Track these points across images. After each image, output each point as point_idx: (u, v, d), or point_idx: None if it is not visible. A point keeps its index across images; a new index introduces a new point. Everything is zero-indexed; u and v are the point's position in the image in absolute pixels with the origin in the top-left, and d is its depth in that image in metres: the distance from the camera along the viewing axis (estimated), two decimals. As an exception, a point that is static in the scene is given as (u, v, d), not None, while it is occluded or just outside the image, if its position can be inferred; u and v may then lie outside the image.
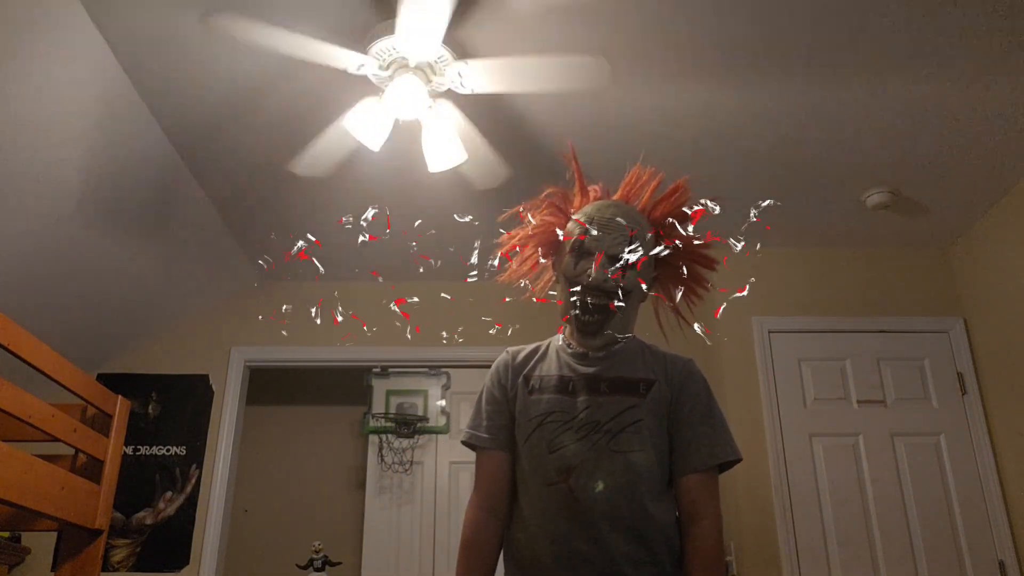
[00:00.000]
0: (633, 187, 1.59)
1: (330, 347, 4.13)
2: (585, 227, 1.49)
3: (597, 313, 1.47)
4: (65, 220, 3.02)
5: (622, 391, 1.46)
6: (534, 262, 1.61)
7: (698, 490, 1.43)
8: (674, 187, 1.58)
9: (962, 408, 3.58)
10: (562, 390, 1.47)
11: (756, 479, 3.48)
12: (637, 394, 1.46)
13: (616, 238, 1.47)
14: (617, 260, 1.46)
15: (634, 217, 1.53)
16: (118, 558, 3.70)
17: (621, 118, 2.82)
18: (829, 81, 2.68)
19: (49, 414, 2.04)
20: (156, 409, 3.97)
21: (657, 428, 1.46)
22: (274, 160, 3.15)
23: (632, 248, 1.45)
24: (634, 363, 1.51)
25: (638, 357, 1.53)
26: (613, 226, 1.49)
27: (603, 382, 1.47)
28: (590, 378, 1.48)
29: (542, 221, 1.59)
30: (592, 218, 1.50)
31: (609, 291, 1.45)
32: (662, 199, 1.57)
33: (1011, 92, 2.72)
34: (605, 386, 1.47)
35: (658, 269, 1.57)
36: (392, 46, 2.29)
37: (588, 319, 1.48)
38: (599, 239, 1.48)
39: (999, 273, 3.47)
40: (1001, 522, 3.35)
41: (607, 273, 1.45)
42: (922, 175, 3.26)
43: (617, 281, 1.46)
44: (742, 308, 3.79)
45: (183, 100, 2.75)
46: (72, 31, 2.35)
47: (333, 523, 4.80)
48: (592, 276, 1.45)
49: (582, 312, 1.47)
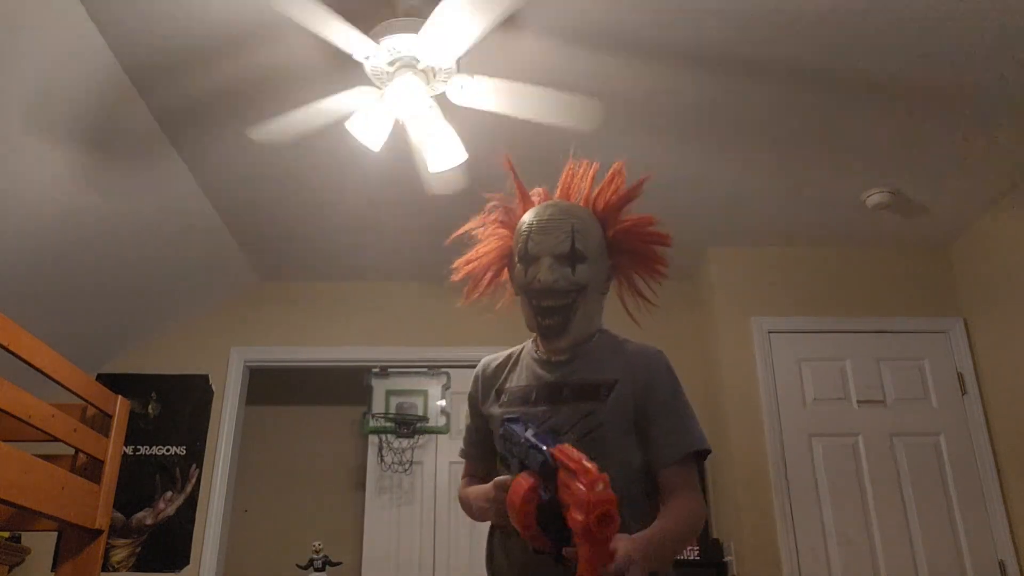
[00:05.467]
0: (571, 184, 1.57)
1: (330, 347, 4.14)
2: (527, 233, 1.48)
3: (556, 315, 1.45)
4: (63, 222, 3.02)
5: (582, 397, 1.43)
6: (490, 280, 1.61)
7: (675, 481, 1.40)
8: (611, 173, 1.55)
9: (962, 408, 3.58)
10: (527, 400, 1.46)
11: (756, 479, 3.48)
12: (597, 398, 1.42)
13: (559, 237, 1.45)
14: (565, 259, 1.44)
15: (574, 212, 1.50)
16: (118, 558, 3.70)
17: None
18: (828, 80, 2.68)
19: (49, 414, 2.04)
20: (156, 409, 3.97)
21: (622, 430, 1.42)
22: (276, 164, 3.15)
23: (578, 243, 1.45)
24: (600, 364, 1.48)
25: (604, 356, 1.49)
26: (554, 225, 1.47)
27: (565, 388, 1.45)
28: (552, 386, 1.46)
29: (490, 238, 1.59)
30: (533, 222, 1.49)
31: (562, 291, 1.44)
32: (601, 188, 1.55)
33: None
34: (567, 392, 1.45)
35: (613, 258, 1.55)
36: (405, 44, 2.27)
37: (548, 323, 1.46)
38: (542, 241, 1.46)
39: (999, 273, 3.47)
40: (1001, 522, 3.35)
41: (557, 273, 1.43)
42: (922, 175, 3.26)
43: (569, 279, 1.44)
44: (742, 308, 3.80)
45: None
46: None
47: (333, 523, 4.80)
48: (542, 279, 1.44)
49: (541, 317, 1.46)
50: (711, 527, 3.75)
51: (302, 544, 4.22)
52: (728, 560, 3.54)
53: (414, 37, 2.23)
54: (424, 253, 3.66)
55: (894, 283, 3.83)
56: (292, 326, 4.17)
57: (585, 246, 1.46)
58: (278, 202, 3.50)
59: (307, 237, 3.82)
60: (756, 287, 3.85)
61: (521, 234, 1.50)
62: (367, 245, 3.89)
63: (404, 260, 4.01)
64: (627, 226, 1.53)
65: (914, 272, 3.84)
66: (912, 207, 3.51)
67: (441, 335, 4.05)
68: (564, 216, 1.48)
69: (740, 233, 3.79)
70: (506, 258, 1.58)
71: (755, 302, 3.81)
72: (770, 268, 3.87)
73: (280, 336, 4.17)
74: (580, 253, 1.45)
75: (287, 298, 4.24)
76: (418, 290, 4.17)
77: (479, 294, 1.61)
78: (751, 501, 3.46)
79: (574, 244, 1.45)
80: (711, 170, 3.25)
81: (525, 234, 1.49)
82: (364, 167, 3.06)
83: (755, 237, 3.83)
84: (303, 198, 3.45)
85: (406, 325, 4.19)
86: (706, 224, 3.71)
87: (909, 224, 3.65)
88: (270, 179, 3.30)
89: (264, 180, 3.32)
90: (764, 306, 3.79)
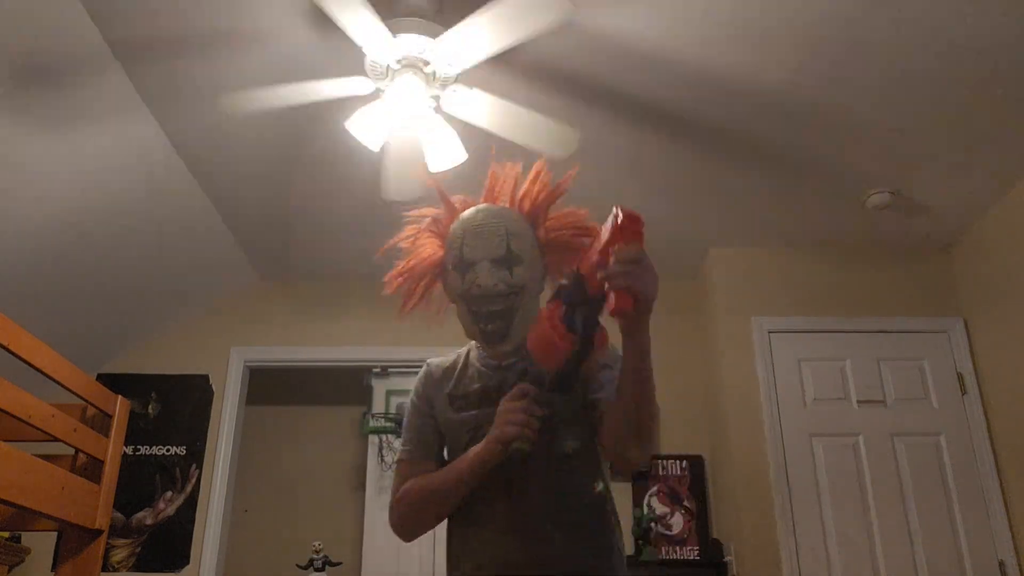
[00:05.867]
0: (496, 187, 1.55)
1: (330, 347, 4.14)
2: (460, 240, 1.47)
3: (497, 319, 1.44)
4: (63, 222, 3.03)
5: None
6: (423, 292, 1.59)
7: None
8: (534, 173, 1.53)
9: (962, 408, 3.58)
10: (485, 402, 1.44)
11: (756, 479, 3.48)
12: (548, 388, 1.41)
13: (494, 240, 1.45)
14: (501, 262, 1.43)
15: (505, 214, 1.49)
16: (118, 558, 3.70)
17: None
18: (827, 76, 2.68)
19: (49, 414, 2.04)
20: (156, 409, 3.97)
21: (577, 415, 1.42)
22: (276, 164, 3.15)
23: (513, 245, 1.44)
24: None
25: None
26: (488, 229, 1.46)
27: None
28: (504, 386, 1.43)
29: (420, 248, 1.57)
30: (464, 229, 1.48)
31: (502, 294, 1.43)
32: (526, 189, 1.53)
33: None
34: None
35: (546, 257, 1.53)
36: (419, 46, 2.27)
37: (490, 328, 1.45)
38: (477, 246, 1.45)
39: (999, 273, 3.47)
40: (1001, 522, 3.35)
41: (495, 277, 1.42)
42: (922, 175, 3.26)
43: (508, 281, 1.43)
44: (742, 308, 3.80)
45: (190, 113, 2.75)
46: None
47: (333, 523, 4.80)
48: (481, 285, 1.43)
49: (483, 323, 1.44)
50: (711, 527, 3.75)
51: (302, 544, 4.22)
52: (728, 560, 3.54)
53: (430, 41, 2.25)
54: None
55: (894, 283, 3.83)
56: (292, 326, 4.17)
57: (520, 248, 1.45)
58: (278, 202, 3.50)
59: (307, 237, 3.82)
60: (756, 287, 3.85)
61: (454, 241, 1.49)
62: (367, 245, 3.88)
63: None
64: (556, 224, 1.52)
65: (914, 272, 3.84)
66: (912, 207, 3.51)
67: (441, 335, 4.03)
68: (496, 219, 1.47)
69: (740, 233, 3.79)
70: (438, 268, 1.56)
71: (755, 302, 3.81)
72: (770, 268, 3.87)
73: (280, 336, 4.17)
74: (516, 255, 1.44)
75: (287, 298, 4.24)
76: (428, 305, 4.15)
77: (412, 307, 1.59)
78: (751, 501, 3.46)
79: (509, 247, 1.44)
80: (711, 170, 3.25)
81: (459, 240, 1.47)
82: (364, 167, 3.06)
83: (755, 237, 3.83)
84: (303, 198, 3.45)
85: (406, 325, 4.17)
86: (706, 224, 3.71)
87: (909, 224, 3.65)
88: (270, 179, 3.30)
89: (264, 180, 3.32)
90: (764, 306, 3.79)
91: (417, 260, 1.57)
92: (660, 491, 3.80)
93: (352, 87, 2.38)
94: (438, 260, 1.55)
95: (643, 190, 3.39)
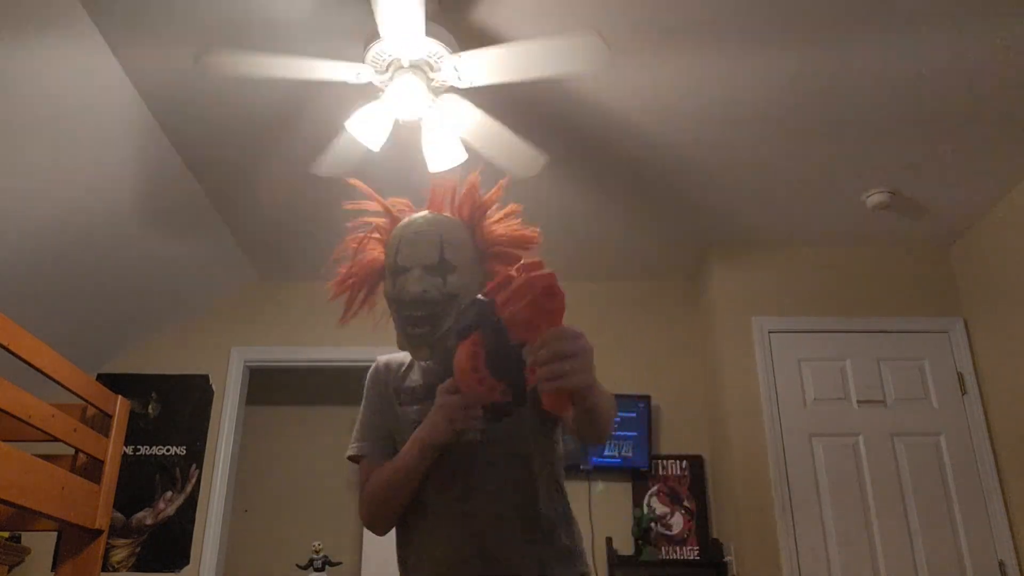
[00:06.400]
0: (436, 198, 1.57)
1: (330, 347, 4.13)
2: (396, 247, 1.48)
3: (424, 324, 1.44)
4: (63, 222, 3.03)
5: None
6: (364, 298, 1.61)
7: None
8: (469, 185, 1.54)
9: (962, 408, 3.58)
10: (429, 396, 1.42)
11: (756, 479, 3.48)
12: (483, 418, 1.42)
13: (428, 248, 1.45)
14: (434, 269, 1.44)
15: (443, 223, 1.50)
16: (118, 558, 3.70)
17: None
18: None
19: (49, 414, 2.04)
20: (156, 409, 3.97)
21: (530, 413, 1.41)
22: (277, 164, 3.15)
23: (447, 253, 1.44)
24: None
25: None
26: (423, 238, 1.47)
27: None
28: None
29: (362, 256, 1.59)
30: (401, 236, 1.49)
31: (431, 302, 1.42)
32: (463, 198, 1.54)
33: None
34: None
35: (486, 263, 1.53)
36: (384, 49, 2.27)
37: (415, 332, 1.44)
38: (411, 254, 1.45)
39: (999, 273, 3.47)
40: (1001, 522, 3.35)
41: (426, 283, 1.42)
42: (922, 175, 3.27)
43: (440, 289, 1.43)
44: (742, 308, 3.80)
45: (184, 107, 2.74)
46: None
47: (333, 523, 4.80)
48: (410, 290, 1.43)
49: (410, 327, 1.45)
50: (711, 527, 3.75)
51: (302, 544, 4.22)
52: (728, 560, 3.54)
53: (447, 51, 2.25)
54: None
55: (894, 283, 3.83)
56: (292, 326, 4.17)
57: (454, 256, 1.45)
58: (279, 203, 3.50)
59: (307, 237, 3.82)
60: (756, 287, 3.85)
61: (391, 248, 1.50)
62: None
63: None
64: (492, 232, 1.53)
65: (914, 272, 3.84)
66: (912, 207, 3.51)
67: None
68: (432, 228, 1.48)
69: (740, 233, 3.79)
70: (379, 274, 1.57)
71: (755, 302, 3.81)
72: (770, 268, 3.87)
73: (280, 336, 4.17)
74: (449, 264, 1.44)
75: (287, 298, 4.24)
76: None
77: (353, 314, 1.62)
78: (751, 501, 3.46)
79: (443, 254, 1.44)
80: (712, 169, 3.25)
81: (395, 247, 1.48)
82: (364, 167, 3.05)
83: (755, 237, 3.83)
84: (303, 198, 3.45)
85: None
86: (707, 224, 3.71)
87: (909, 224, 3.66)
88: (271, 180, 3.30)
89: (265, 181, 3.32)
90: (764, 306, 3.79)
91: (359, 267, 1.59)
92: (660, 491, 3.80)
93: (348, 73, 2.33)
94: (379, 266, 1.57)
95: (643, 189, 3.40)
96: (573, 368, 0.98)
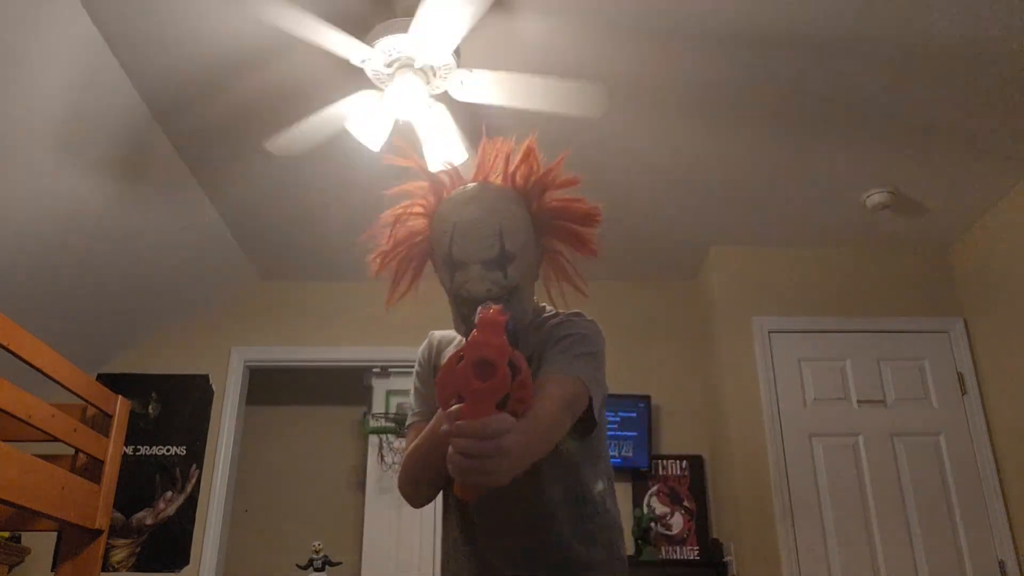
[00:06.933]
0: (487, 163, 1.40)
1: (330, 347, 4.14)
2: (449, 236, 1.33)
3: None
4: (63, 222, 3.02)
5: None
6: (412, 278, 1.47)
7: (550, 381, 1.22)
8: (528, 150, 1.38)
9: (962, 408, 3.58)
10: None
11: (756, 479, 3.48)
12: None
13: (486, 241, 1.30)
14: (494, 264, 1.30)
15: (498, 205, 1.34)
16: (118, 558, 3.70)
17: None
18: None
19: (49, 414, 2.04)
20: (156, 409, 3.97)
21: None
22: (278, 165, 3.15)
23: (507, 243, 1.30)
24: (525, 347, 1.33)
25: (528, 337, 1.37)
26: (479, 229, 1.31)
27: None
28: None
29: (405, 228, 1.44)
30: (453, 223, 1.33)
31: (492, 298, 1.28)
32: (518, 164, 1.38)
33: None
34: None
35: (540, 237, 1.40)
36: (398, 45, 2.27)
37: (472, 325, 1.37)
38: (467, 247, 1.31)
39: (999, 273, 3.47)
40: (1001, 522, 3.35)
41: (487, 282, 1.30)
42: (922, 175, 3.26)
43: (501, 284, 1.30)
44: (742, 308, 3.80)
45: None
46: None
47: (333, 523, 4.80)
48: (472, 291, 1.30)
49: (469, 320, 1.30)
50: (711, 527, 3.75)
51: (302, 544, 4.22)
52: (728, 560, 3.54)
53: (403, 36, 2.24)
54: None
55: (894, 283, 3.83)
56: (292, 326, 4.17)
57: (514, 243, 1.31)
58: (278, 203, 3.50)
59: (307, 237, 3.82)
60: (756, 287, 3.85)
61: (442, 234, 1.35)
62: (367, 245, 3.88)
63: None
64: (554, 205, 1.39)
65: (914, 272, 3.84)
66: (912, 207, 3.51)
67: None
68: (488, 214, 1.32)
69: (740, 233, 3.79)
70: (426, 250, 1.43)
71: (755, 302, 3.81)
72: (770, 268, 3.87)
73: (280, 336, 4.17)
74: (509, 254, 1.31)
75: (287, 298, 4.24)
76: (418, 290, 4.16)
77: (402, 294, 1.48)
78: (751, 501, 3.46)
79: (503, 247, 1.30)
80: (712, 169, 3.25)
81: (447, 236, 1.33)
82: (364, 167, 3.06)
83: (755, 237, 3.83)
84: (303, 198, 3.45)
85: (406, 325, 4.18)
86: (707, 224, 3.71)
87: (909, 224, 3.65)
88: (270, 180, 3.30)
89: (265, 181, 3.31)
90: (764, 306, 3.79)
91: (404, 238, 1.44)
92: (660, 491, 3.80)
93: (361, 101, 2.40)
94: (425, 241, 1.42)
95: (644, 189, 3.39)
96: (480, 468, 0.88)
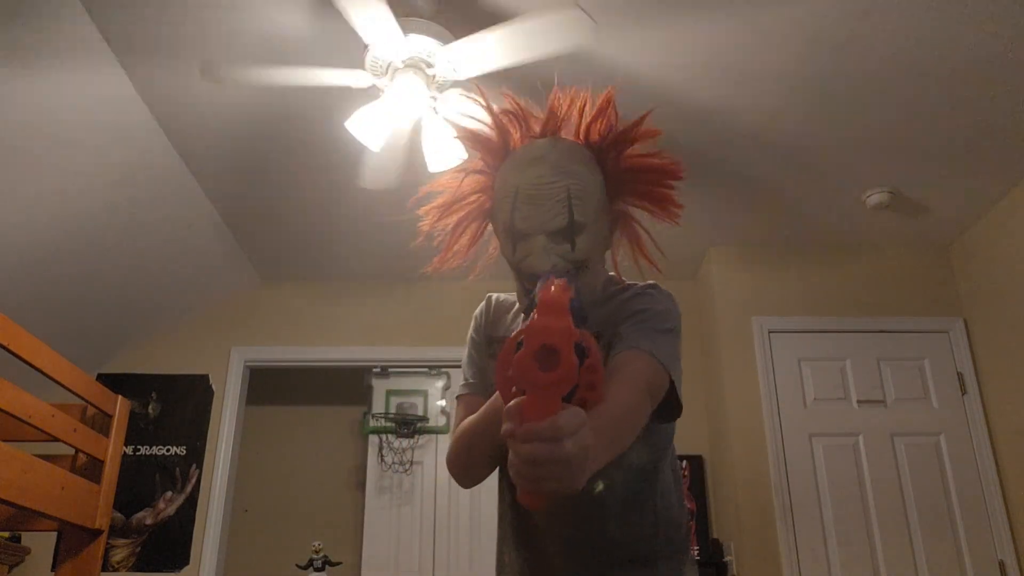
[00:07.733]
0: (559, 112, 1.25)
1: (330, 347, 4.14)
2: (511, 202, 1.19)
3: None
4: (63, 222, 3.03)
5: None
6: (472, 237, 1.31)
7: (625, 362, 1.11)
8: (604, 99, 1.24)
9: (962, 408, 3.58)
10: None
11: (756, 479, 3.48)
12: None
13: (554, 209, 1.16)
14: (561, 235, 1.16)
15: (568, 165, 1.19)
16: (118, 558, 3.70)
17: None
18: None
19: (49, 414, 2.04)
20: (156, 409, 3.97)
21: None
22: (276, 164, 3.15)
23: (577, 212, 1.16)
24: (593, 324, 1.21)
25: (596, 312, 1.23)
26: (546, 193, 1.16)
27: None
28: None
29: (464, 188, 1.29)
30: (517, 188, 1.18)
31: (561, 273, 1.13)
32: (595, 116, 1.24)
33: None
34: None
35: (614, 200, 1.26)
36: (377, 54, 2.28)
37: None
38: (531, 215, 1.17)
39: (999, 273, 3.47)
40: (1001, 522, 3.35)
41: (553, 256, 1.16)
42: (922, 175, 3.26)
43: (569, 257, 1.17)
44: (742, 308, 3.80)
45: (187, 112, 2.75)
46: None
47: (333, 523, 4.80)
48: (535, 266, 1.16)
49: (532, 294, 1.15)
50: (711, 527, 3.75)
51: (302, 544, 4.22)
52: (728, 560, 3.54)
53: (439, 45, 2.25)
54: (425, 253, 3.66)
55: (894, 283, 3.83)
56: (292, 326, 4.17)
57: (584, 211, 1.17)
58: (278, 202, 3.50)
59: (307, 237, 3.82)
60: (756, 287, 3.85)
61: (503, 199, 1.21)
62: (367, 245, 3.89)
63: (404, 260, 4.00)
64: (633, 163, 1.25)
65: (914, 272, 3.84)
66: (912, 207, 3.51)
67: (441, 335, 4.05)
68: (557, 177, 1.17)
69: (740, 233, 3.79)
70: (487, 211, 1.29)
71: (755, 302, 3.81)
72: (770, 268, 3.87)
73: (280, 336, 4.17)
74: (579, 224, 1.17)
75: (287, 298, 4.25)
76: (418, 290, 4.17)
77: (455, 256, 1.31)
78: (751, 501, 3.46)
79: (572, 216, 1.16)
80: (712, 169, 3.25)
81: (510, 202, 1.19)
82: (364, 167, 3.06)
83: (755, 237, 3.83)
84: (303, 198, 3.45)
85: (406, 325, 4.19)
86: (707, 224, 3.71)
87: (909, 224, 3.65)
88: (270, 180, 3.30)
89: (265, 181, 3.32)
90: (764, 306, 3.79)
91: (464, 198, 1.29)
92: (660, 491, 3.80)
93: (349, 79, 2.35)
94: (487, 199, 1.29)
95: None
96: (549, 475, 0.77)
